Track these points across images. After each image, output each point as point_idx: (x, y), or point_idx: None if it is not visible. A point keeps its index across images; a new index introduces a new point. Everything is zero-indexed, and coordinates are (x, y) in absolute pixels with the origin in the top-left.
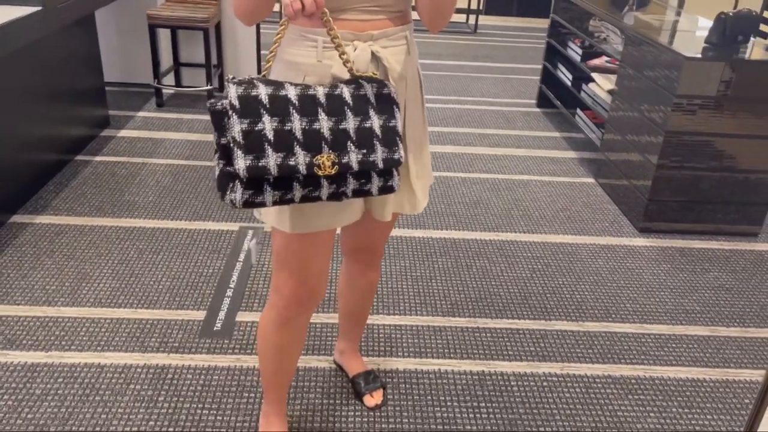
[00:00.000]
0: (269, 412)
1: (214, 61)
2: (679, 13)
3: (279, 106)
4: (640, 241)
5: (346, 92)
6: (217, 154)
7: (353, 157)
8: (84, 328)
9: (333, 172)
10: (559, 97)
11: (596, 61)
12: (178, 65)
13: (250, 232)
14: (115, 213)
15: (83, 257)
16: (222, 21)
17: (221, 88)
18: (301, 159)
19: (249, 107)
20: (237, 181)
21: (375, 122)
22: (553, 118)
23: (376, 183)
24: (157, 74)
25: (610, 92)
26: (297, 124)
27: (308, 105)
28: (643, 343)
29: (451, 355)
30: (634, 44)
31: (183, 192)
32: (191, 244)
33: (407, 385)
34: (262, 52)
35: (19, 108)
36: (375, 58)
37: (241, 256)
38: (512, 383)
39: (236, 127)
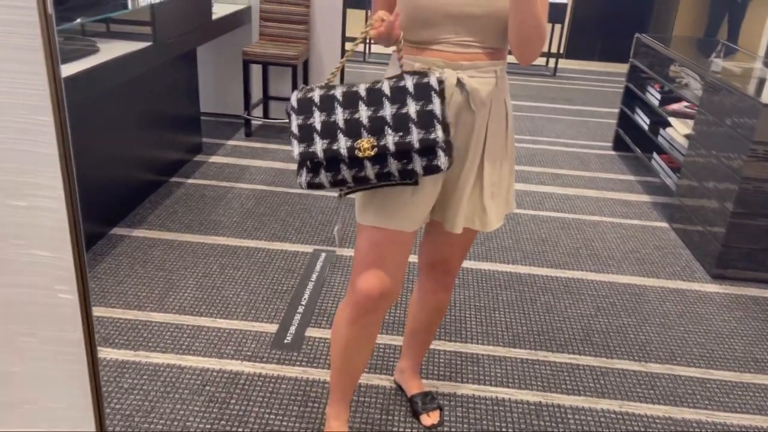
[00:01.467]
0: (332, 415)
1: None
2: (765, 63)
3: (326, 103)
4: (712, 287)
5: (385, 85)
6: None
7: (390, 140)
8: (168, 333)
9: (372, 153)
10: (635, 141)
11: (675, 106)
12: (267, 98)
13: (323, 254)
14: (201, 231)
15: (171, 269)
16: (310, 58)
17: None
18: (342, 144)
19: (304, 107)
20: (303, 168)
21: (411, 108)
22: (629, 162)
23: (419, 162)
24: (247, 106)
25: (687, 137)
26: (340, 115)
27: (350, 99)
28: (708, 388)
29: (510, 385)
30: (713, 90)
31: (264, 215)
32: (269, 262)
33: (464, 410)
34: None
35: (126, 131)
36: (460, 83)
37: (314, 276)
38: (569, 416)
39: (294, 122)
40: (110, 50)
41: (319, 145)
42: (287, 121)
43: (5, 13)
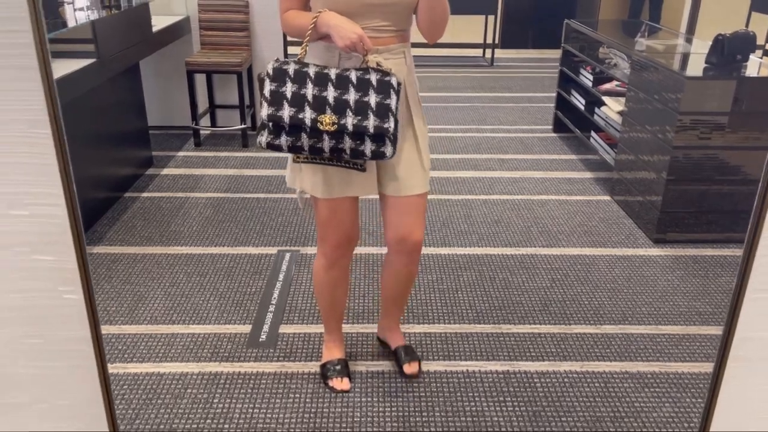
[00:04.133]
0: (329, 341)
1: (247, 102)
2: (686, 39)
3: (299, 77)
4: (655, 251)
5: (353, 75)
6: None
7: (349, 121)
8: (143, 343)
9: (332, 129)
10: (573, 122)
11: (607, 86)
12: (213, 107)
13: (288, 254)
14: (163, 242)
15: (138, 281)
16: (253, 64)
17: (254, 127)
18: (308, 115)
19: (279, 76)
20: (265, 129)
21: (372, 99)
22: (569, 142)
23: (369, 146)
24: (194, 116)
25: (620, 113)
26: (310, 91)
27: (321, 79)
28: (658, 342)
29: (478, 358)
30: (640, 68)
31: (224, 221)
32: (234, 266)
33: (438, 384)
34: None
35: (74, 151)
36: (378, 65)
37: (281, 276)
38: (535, 380)
39: (267, 88)
40: (54, 69)
41: (286, 111)
42: (238, 128)
43: (4, 38)
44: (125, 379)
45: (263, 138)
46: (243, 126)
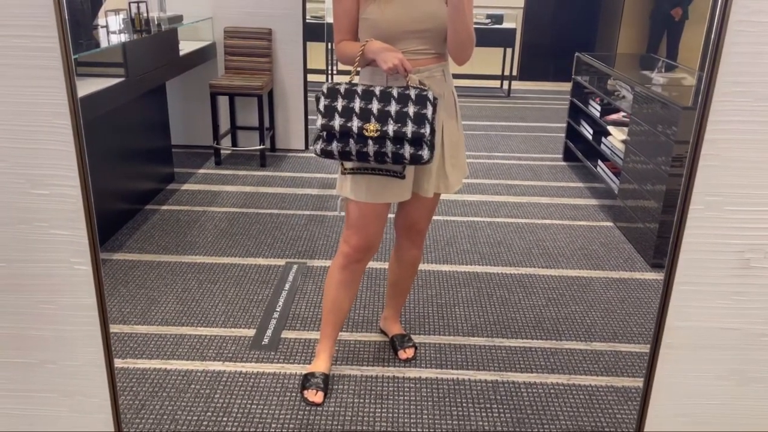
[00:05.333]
0: (321, 352)
1: (266, 124)
2: (698, 76)
3: (349, 94)
4: (651, 275)
5: (395, 91)
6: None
7: (390, 128)
8: (153, 342)
9: (375, 134)
10: (582, 151)
11: (614, 116)
12: (234, 128)
13: (295, 266)
14: (178, 251)
15: (152, 286)
16: (274, 88)
17: (273, 148)
18: (355, 123)
19: (331, 93)
20: (320, 138)
21: (410, 109)
22: (577, 171)
23: (408, 149)
24: (216, 136)
25: (623, 142)
26: (357, 104)
27: (367, 94)
28: (646, 360)
29: (469, 367)
30: (642, 100)
31: (237, 234)
32: (243, 276)
33: (428, 389)
34: (309, 117)
35: (101, 164)
36: (421, 83)
37: (287, 286)
38: (522, 390)
39: (321, 103)
40: (85, 87)
41: (337, 121)
42: (257, 149)
43: (32, 41)
44: (134, 372)
45: (318, 146)
46: (262, 147)
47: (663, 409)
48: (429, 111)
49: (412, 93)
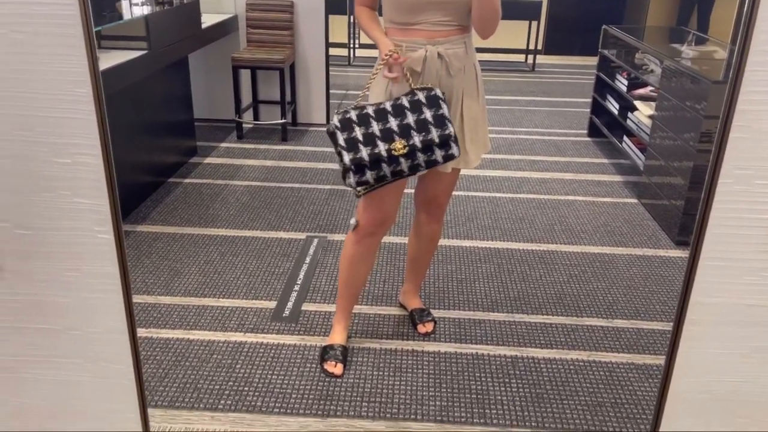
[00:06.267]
0: (337, 324)
1: (288, 98)
2: (730, 49)
3: (363, 120)
4: (675, 253)
5: (404, 101)
6: (338, 159)
7: (416, 139)
8: (176, 312)
9: (405, 151)
10: (607, 126)
11: (641, 91)
12: (256, 102)
13: (316, 240)
14: (201, 224)
15: (175, 258)
16: (296, 62)
17: (294, 122)
18: (381, 148)
19: (346, 125)
20: (350, 171)
21: (427, 114)
22: (602, 146)
23: (439, 153)
24: (238, 110)
25: (651, 118)
26: (375, 127)
27: (381, 114)
28: (668, 338)
29: (488, 342)
30: (670, 73)
31: (259, 207)
32: (265, 249)
33: (447, 363)
34: (331, 90)
35: (125, 137)
36: (440, 56)
37: (307, 259)
38: (542, 366)
39: (341, 138)
40: (108, 59)
41: (364, 152)
42: (278, 122)
43: (52, 9)
44: (157, 342)
45: (351, 180)
46: (283, 121)
47: (685, 386)
48: (444, 109)
49: (421, 96)
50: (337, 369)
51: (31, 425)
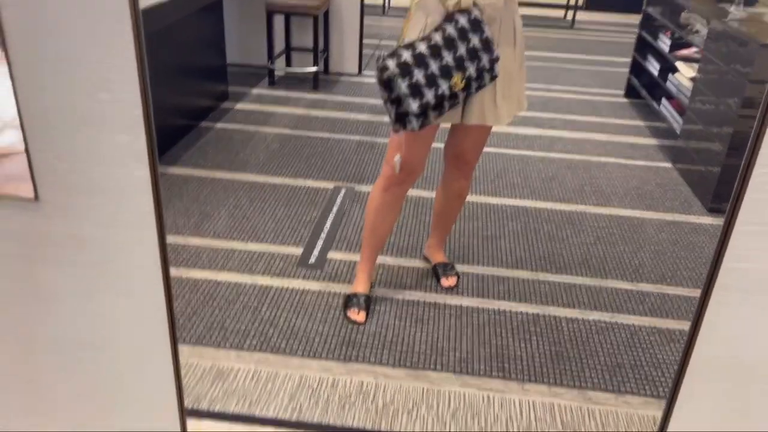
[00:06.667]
0: (360, 272)
1: (321, 46)
2: None
3: (419, 60)
4: (708, 220)
5: (450, 30)
6: (388, 104)
7: (471, 69)
8: (205, 254)
9: (463, 85)
10: (646, 88)
11: (685, 52)
12: (289, 49)
13: (343, 190)
14: (231, 169)
15: (205, 201)
16: (330, 9)
17: (326, 71)
18: (443, 87)
19: (404, 69)
20: (411, 116)
21: (474, 41)
22: (639, 108)
23: (487, 77)
24: (271, 57)
25: (692, 80)
26: (434, 67)
27: (434, 49)
28: (693, 304)
29: (510, 299)
30: (716, 34)
31: (288, 155)
32: (293, 196)
33: (468, 317)
34: (364, 40)
35: (159, 80)
36: (475, 4)
37: (335, 209)
38: (563, 325)
39: (402, 85)
40: (143, 1)
41: (429, 95)
42: (311, 70)
43: None
44: (186, 282)
45: (414, 124)
46: (315, 69)
47: (709, 351)
48: (487, 31)
49: (464, 22)
50: (359, 317)
51: (66, 352)
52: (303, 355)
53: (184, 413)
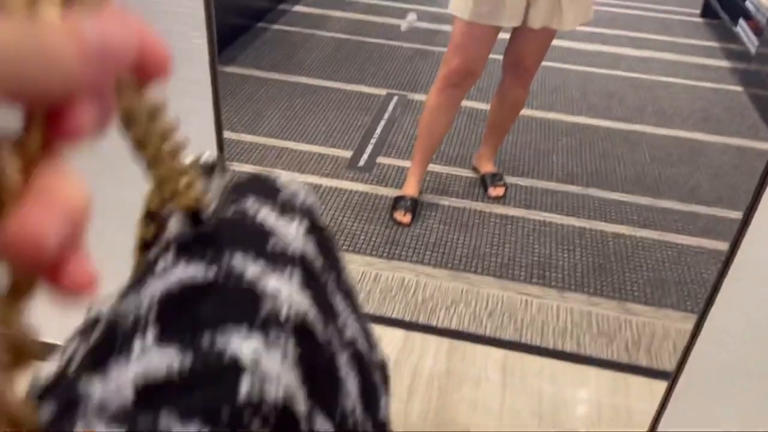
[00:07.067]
0: (411, 176)
1: None
2: None
3: None
4: None
5: None
6: None
7: None
8: (257, 151)
9: None
10: (724, 7)
11: None
12: None
13: (396, 98)
14: (286, 70)
15: (259, 100)
16: None
17: None
18: None
19: None
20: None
21: None
22: (714, 29)
23: None
24: None
25: None
26: None
27: None
28: None
29: (558, 211)
30: None
31: (343, 60)
32: (345, 101)
33: (513, 226)
34: None
35: None
36: None
37: (386, 116)
38: (609, 240)
39: None
40: None
41: None
42: None
43: None
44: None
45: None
46: None
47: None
48: None
49: None
50: (405, 218)
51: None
52: (348, 251)
53: None
